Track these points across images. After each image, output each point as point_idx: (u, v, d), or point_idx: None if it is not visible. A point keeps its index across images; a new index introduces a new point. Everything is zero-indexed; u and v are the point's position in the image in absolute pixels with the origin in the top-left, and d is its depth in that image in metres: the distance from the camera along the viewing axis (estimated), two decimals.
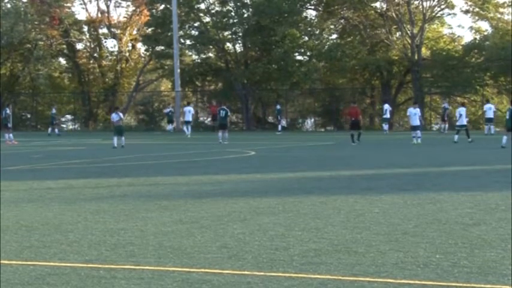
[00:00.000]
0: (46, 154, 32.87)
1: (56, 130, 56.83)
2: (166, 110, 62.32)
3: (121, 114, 39.09)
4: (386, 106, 54.92)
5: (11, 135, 43.96)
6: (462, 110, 40.50)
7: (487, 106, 50.56)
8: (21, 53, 71.63)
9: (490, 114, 49.89)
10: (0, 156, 29.97)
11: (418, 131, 39.00)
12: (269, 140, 44.15)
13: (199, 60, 70.35)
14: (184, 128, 52.99)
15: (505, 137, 33.61)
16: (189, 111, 53.41)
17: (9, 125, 45.16)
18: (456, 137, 38.62)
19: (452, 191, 16.68)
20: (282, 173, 22.28)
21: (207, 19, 68.76)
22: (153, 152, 33.54)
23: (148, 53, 72.20)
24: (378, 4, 65.92)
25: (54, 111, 58.69)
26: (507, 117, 33.89)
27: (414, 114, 39.54)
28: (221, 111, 43.72)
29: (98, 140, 42.94)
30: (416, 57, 62.30)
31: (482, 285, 8.08)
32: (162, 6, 68.63)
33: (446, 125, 55.40)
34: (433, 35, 67.04)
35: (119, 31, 72.38)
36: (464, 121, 40.03)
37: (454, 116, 49.11)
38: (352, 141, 38.52)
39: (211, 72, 70.19)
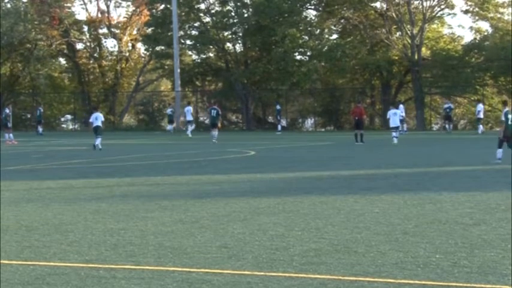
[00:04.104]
0: (46, 154, 32.87)
1: (40, 128, 57.63)
2: (168, 111, 62.34)
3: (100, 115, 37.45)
4: (402, 107, 54.50)
5: (11, 135, 43.97)
6: None
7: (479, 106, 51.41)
8: (21, 53, 71.62)
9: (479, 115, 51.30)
10: (0, 156, 29.97)
11: (397, 132, 39.12)
12: (269, 140, 44.15)
13: (199, 60, 70.36)
14: (189, 127, 52.65)
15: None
16: (188, 111, 53.50)
17: (9, 124, 45.15)
18: None
19: (452, 191, 16.68)
20: (282, 173, 22.28)
21: (207, 19, 68.77)
22: (153, 152, 33.54)
23: (148, 53, 72.20)
24: (378, 4, 65.94)
25: (40, 110, 59.66)
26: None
27: (394, 114, 39.57)
28: (212, 110, 44.23)
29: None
30: (416, 57, 62.27)
31: (482, 285, 8.08)
32: (162, 6, 68.64)
33: (451, 125, 55.56)
34: (433, 35, 66.99)
35: (118, 31, 72.39)
36: None
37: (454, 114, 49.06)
38: (356, 140, 38.63)
39: (211, 72, 70.21)
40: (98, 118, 36.42)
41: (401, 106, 54.51)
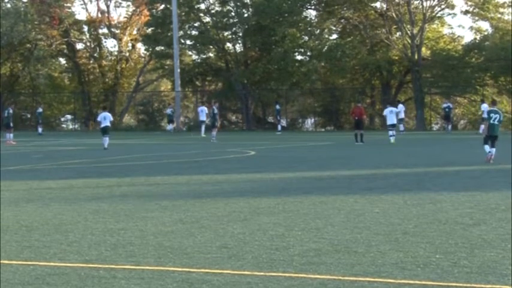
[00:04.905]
0: (46, 154, 32.87)
1: (40, 128, 57.89)
2: (168, 111, 62.31)
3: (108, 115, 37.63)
4: (401, 106, 54.47)
5: (11, 134, 43.95)
6: None
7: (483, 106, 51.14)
8: (21, 53, 71.64)
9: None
10: (0, 156, 29.97)
11: (393, 130, 39.19)
12: (269, 140, 44.15)
13: (199, 60, 70.36)
14: (202, 128, 52.17)
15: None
16: (202, 111, 52.90)
17: (11, 124, 45.12)
18: None
19: (452, 191, 16.68)
20: (282, 173, 22.28)
21: (207, 19, 68.77)
22: (153, 152, 33.54)
23: (148, 53, 72.20)
24: (378, 4, 65.96)
25: (40, 110, 59.79)
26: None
27: (390, 111, 39.65)
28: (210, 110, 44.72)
29: (98, 140, 42.85)
30: (416, 57, 62.28)
31: (482, 285, 8.08)
32: (162, 6, 68.65)
33: (451, 125, 55.56)
34: (433, 35, 67.00)
35: (118, 31, 72.38)
36: None
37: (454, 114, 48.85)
38: (356, 140, 38.65)
39: (211, 72, 70.20)
40: (106, 118, 36.45)
41: (400, 106, 54.56)
